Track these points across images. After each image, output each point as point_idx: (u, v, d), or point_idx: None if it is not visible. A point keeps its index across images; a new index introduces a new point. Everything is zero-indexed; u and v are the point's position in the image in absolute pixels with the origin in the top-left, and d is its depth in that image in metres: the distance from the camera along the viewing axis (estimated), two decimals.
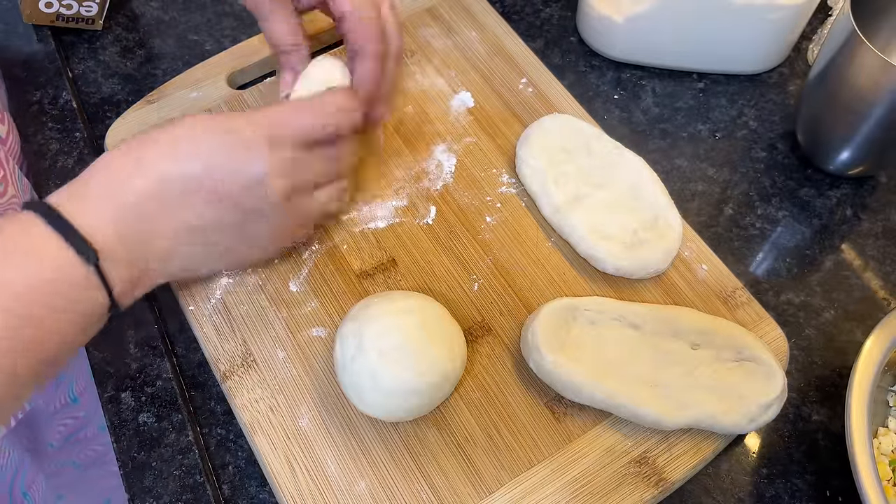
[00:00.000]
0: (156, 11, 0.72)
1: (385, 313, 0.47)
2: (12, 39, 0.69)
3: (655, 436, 0.49)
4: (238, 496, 0.49)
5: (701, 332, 0.50)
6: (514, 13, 0.72)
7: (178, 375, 0.53)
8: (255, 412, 0.49)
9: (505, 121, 0.62)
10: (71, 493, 0.84)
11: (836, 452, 0.51)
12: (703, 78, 0.68)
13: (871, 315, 0.56)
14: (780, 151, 0.64)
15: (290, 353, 0.52)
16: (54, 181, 0.60)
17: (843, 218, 0.61)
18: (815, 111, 0.60)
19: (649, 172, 0.57)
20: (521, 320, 0.53)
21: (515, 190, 0.59)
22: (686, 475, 0.49)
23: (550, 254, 0.56)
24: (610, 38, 0.67)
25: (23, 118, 0.64)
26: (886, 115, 0.54)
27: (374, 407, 0.47)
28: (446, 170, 0.60)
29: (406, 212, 0.58)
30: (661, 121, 0.66)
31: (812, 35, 0.70)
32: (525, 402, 0.50)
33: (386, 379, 0.45)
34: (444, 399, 0.49)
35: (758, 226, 0.61)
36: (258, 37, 0.66)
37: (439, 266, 0.55)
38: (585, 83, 0.68)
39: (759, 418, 0.48)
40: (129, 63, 0.69)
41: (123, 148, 0.44)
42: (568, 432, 0.49)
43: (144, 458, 0.49)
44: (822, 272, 0.59)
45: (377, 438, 0.49)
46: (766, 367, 0.49)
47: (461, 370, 0.48)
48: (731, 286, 0.55)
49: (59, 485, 0.82)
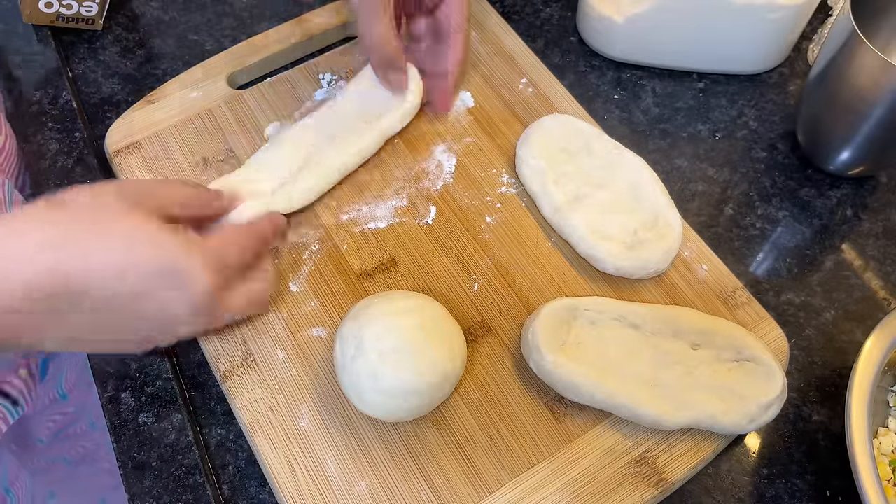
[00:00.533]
0: (156, 11, 0.72)
1: (385, 314, 0.47)
2: (12, 39, 0.69)
3: (655, 436, 0.49)
4: (238, 496, 0.49)
5: (701, 332, 0.50)
6: (514, 13, 0.72)
7: (178, 375, 0.53)
8: (254, 412, 0.49)
9: (505, 121, 0.62)
10: (63, 492, 0.84)
11: (836, 452, 0.51)
12: (703, 78, 0.68)
13: (871, 315, 0.56)
14: (780, 151, 0.64)
15: (289, 353, 0.52)
16: (54, 181, 0.60)
17: (844, 218, 0.61)
18: (815, 111, 0.60)
19: (649, 172, 0.56)
20: (520, 320, 0.53)
21: (515, 190, 0.59)
22: (686, 475, 0.49)
23: (550, 254, 0.56)
24: (610, 38, 0.67)
25: (23, 118, 0.64)
26: (886, 115, 0.54)
27: (374, 407, 0.47)
28: (446, 170, 0.60)
29: (406, 212, 0.58)
30: (661, 121, 0.66)
31: (812, 35, 0.70)
32: (525, 403, 0.50)
33: (386, 379, 0.45)
34: (444, 399, 0.49)
35: (758, 226, 0.61)
36: (258, 37, 0.66)
37: (439, 266, 0.55)
38: (585, 83, 0.68)
39: (759, 418, 0.48)
40: (129, 63, 0.69)
41: (45, 216, 0.39)
42: (568, 432, 0.49)
43: (144, 458, 0.49)
44: (823, 272, 0.59)
45: (377, 438, 0.49)
46: (765, 367, 0.49)
47: (461, 370, 0.48)
48: (732, 286, 0.55)
49: (50, 481, 0.82)
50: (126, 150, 0.60)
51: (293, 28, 0.66)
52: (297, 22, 0.67)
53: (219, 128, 0.61)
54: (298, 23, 0.67)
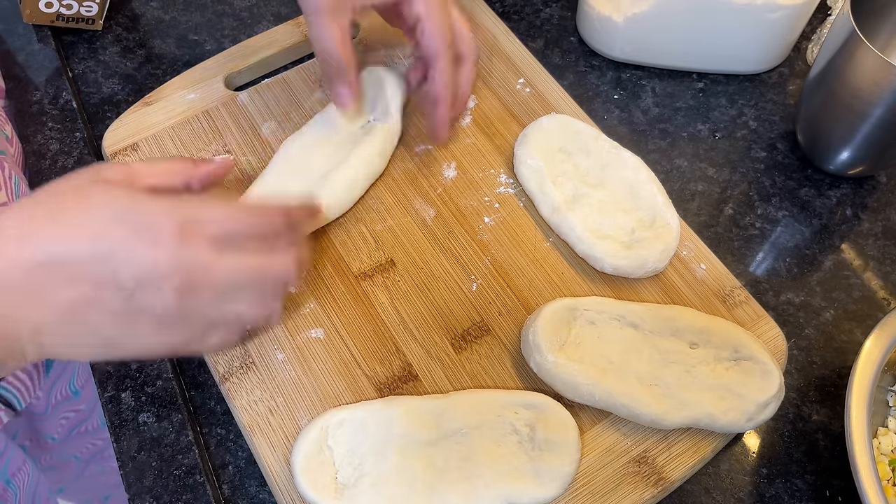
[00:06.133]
0: (156, 11, 0.72)
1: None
2: (12, 39, 0.69)
3: (655, 435, 0.49)
4: (238, 496, 0.49)
5: (699, 331, 0.50)
6: (514, 13, 0.72)
7: (178, 375, 0.53)
8: (254, 414, 0.49)
9: (503, 121, 0.62)
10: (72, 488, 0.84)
11: (836, 452, 0.51)
12: (703, 78, 0.68)
13: (871, 315, 0.56)
14: (780, 151, 0.64)
15: (288, 354, 0.52)
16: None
17: (843, 218, 0.61)
18: (814, 111, 0.60)
19: (647, 172, 0.56)
20: (519, 320, 0.53)
21: (513, 190, 0.59)
22: (685, 474, 0.49)
23: (548, 254, 0.56)
24: (610, 38, 0.67)
25: (23, 118, 0.64)
26: (886, 115, 0.54)
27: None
28: (444, 170, 0.60)
29: (405, 212, 0.58)
30: (660, 121, 0.66)
31: (812, 35, 0.70)
32: None
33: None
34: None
35: (758, 226, 0.61)
36: (257, 38, 0.66)
37: (438, 267, 0.55)
38: (585, 83, 0.68)
39: (757, 417, 0.48)
40: (129, 63, 0.69)
41: (20, 212, 0.38)
42: None
43: (144, 458, 0.50)
44: (822, 272, 0.59)
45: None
46: (762, 365, 0.49)
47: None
48: (730, 285, 0.54)
49: (60, 479, 0.82)
50: (124, 151, 0.60)
51: (291, 29, 0.67)
52: (295, 23, 0.67)
53: (216, 129, 0.61)
54: (297, 24, 0.67)
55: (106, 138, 0.61)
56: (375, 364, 0.51)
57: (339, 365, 0.51)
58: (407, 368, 0.51)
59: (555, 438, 0.47)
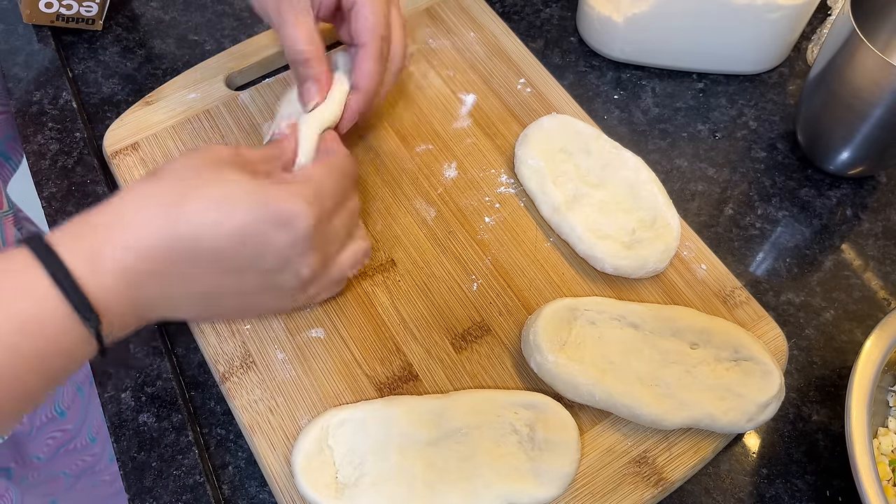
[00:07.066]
0: (156, 11, 0.72)
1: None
2: (12, 39, 0.69)
3: (655, 435, 0.49)
4: (238, 496, 0.49)
5: (699, 331, 0.50)
6: (514, 13, 0.72)
7: (178, 375, 0.53)
8: (254, 413, 0.49)
9: (503, 121, 0.62)
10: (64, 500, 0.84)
11: (836, 452, 0.51)
12: (703, 78, 0.68)
13: (871, 315, 0.56)
14: (780, 151, 0.64)
15: (289, 354, 0.52)
16: (54, 181, 0.60)
17: (843, 218, 0.61)
18: (814, 111, 0.60)
19: (647, 172, 0.56)
20: (520, 320, 0.53)
21: (514, 190, 0.59)
22: (686, 475, 0.49)
23: (549, 254, 0.56)
24: (610, 38, 0.67)
25: (23, 118, 0.64)
26: (886, 115, 0.54)
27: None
28: (445, 170, 0.60)
29: (405, 212, 0.58)
30: (660, 121, 0.66)
31: (812, 35, 0.70)
32: None
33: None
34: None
35: (758, 226, 0.61)
36: (257, 37, 0.66)
37: (438, 266, 0.55)
38: (585, 83, 0.68)
39: (757, 417, 0.48)
40: (129, 63, 0.69)
41: (146, 191, 0.40)
42: None
43: (144, 458, 0.50)
44: (822, 272, 0.59)
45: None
46: (763, 365, 0.49)
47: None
48: (730, 286, 0.54)
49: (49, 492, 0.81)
50: (124, 151, 0.60)
51: None
52: None
53: (217, 129, 0.61)
54: None
55: (106, 138, 0.61)
56: (376, 364, 0.51)
57: (339, 365, 0.51)
58: (407, 368, 0.51)
59: (555, 438, 0.47)
